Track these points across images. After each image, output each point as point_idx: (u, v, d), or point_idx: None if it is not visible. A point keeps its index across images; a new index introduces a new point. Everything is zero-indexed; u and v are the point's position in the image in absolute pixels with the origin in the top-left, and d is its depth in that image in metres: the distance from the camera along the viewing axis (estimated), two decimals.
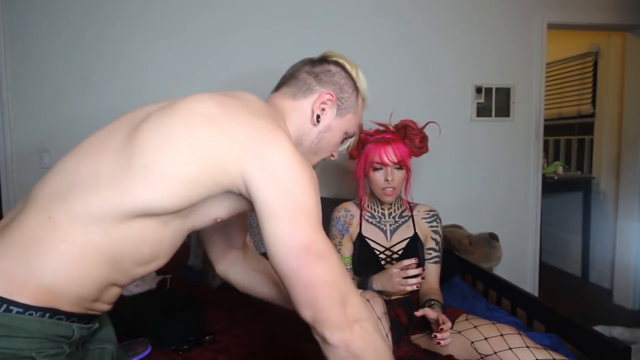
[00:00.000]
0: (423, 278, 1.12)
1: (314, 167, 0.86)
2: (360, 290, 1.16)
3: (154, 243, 0.65)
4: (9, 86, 2.09)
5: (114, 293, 0.67)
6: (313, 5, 2.28)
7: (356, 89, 0.86)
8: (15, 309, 0.53)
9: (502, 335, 1.09)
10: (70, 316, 0.59)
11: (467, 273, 1.91)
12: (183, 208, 0.63)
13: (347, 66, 0.86)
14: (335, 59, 0.86)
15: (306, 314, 0.63)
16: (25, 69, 2.10)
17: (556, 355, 1.04)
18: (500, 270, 2.32)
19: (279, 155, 0.62)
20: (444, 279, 1.79)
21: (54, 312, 0.57)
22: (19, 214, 0.61)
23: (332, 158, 0.91)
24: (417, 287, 1.17)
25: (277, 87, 0.86)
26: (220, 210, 0.69)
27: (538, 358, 1.03)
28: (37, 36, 2.10)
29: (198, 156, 0.60)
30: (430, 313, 1.11)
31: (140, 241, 0.62)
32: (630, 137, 2.78)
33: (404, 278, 1.16)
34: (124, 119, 0.70)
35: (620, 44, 2.96)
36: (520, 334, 1.09)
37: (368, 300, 1.07)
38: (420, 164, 2.37)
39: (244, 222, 0.99)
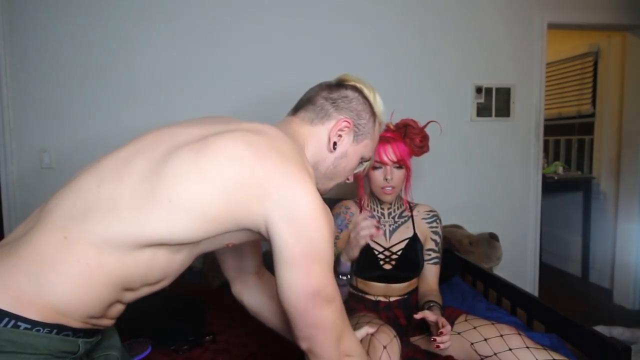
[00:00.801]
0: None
1: (329, 191, 0.88)
2: (368, 324, 1.13)
3: (164, 267, 0.66)
4: (9, 86, 2.09)
5: (119, 309, 0.68)
6: (313, 7, 2.28)
7: (373, 114, 0.86)
8: (23, 325, 0.53)
9: (501, 335, 1.09)
10: (76, 332, 0.60)
11: (467, 273, 1.91)
12: (199, 240, 0.65)
13: (365, 91, 0.86)
14: (353, 83, 0.86)
15: (303, 345, 0.69)
16: (25, 69, 2.10)
17: (556, 356, 1.03)
18: (501, 270, 2.32)
19: (304, 204, 0.63)
20: (444, 279, 1.79)
21: (61, 329, 0.57)
22: (32, 229, 0.60)
23: (348, 182, 0.91)
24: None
25: (295, 110, 0.86)
26: (232, 238, 0.71)
27: (538, 358, 1.02)
28: (37, 36, 2.10)
29: (225, 197, 0.62)
30: (430, 316, 1.11)
31: (151, 266, 0.64)
32: (631, 137, 2.78)
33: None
34: (146, 141, 0.70)
35: (620, 44, 2.96)
36: (520, 334, 1.09)
37: (385, 347, 1.03)
38: (421, 164, 2.37)
39: (258, 247, 0.99)
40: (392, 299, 1.35)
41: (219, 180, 0.62)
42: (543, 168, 2.74)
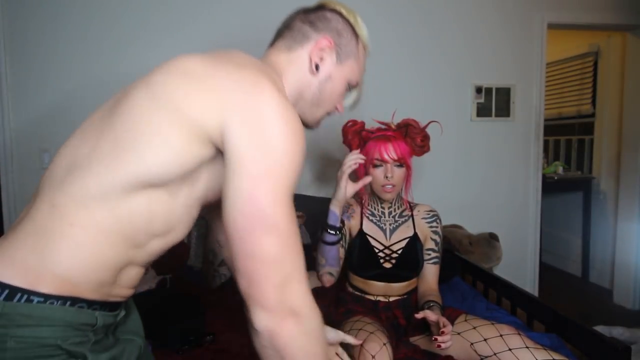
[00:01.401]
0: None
1: (319, 122, 0.82)
2: (360, 330, 1.13)
3: (165, 215, 0.62)
4: (9, 86, 2.09)
5: (133, 274, 0.64)
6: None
7: (356, 35, 0.80)
8: (36, 299, 0.52)
9: (501, 335, 1.09)
10: (91, 304, 0.58)
11: (467, 273, 1.91)
12: (180, 175, 0.59)
13: (344, 12, 0.80)
14: (332, 6, 0.80)
15: (241, 284, 0.58)
16: (26, 69, 2.10)
17: (556, 356, 1.04)
18: (501, 270, 2.32)
19: (263, 105, 0.56)
20: (444, 279, 1.79)
21: (75, 300, 0.55)
22: (30, 207, 0.60)
23: (339, 112, 0.84)
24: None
25: (272, 42, 0.80)
26: (215, 174, 0.65)
27: (538, 358, 1.02)
28: (37, 36, 2.10)
29: (177, 120, 0.56)
30: (431, 315, 1.11)
31: (149, 215, 0.60)
32: (630, 137, 2.78)
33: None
34: (112, 99, 0.69)
35: (620, 44, 2.96)
36: (519, 334, 1.09)
37: (373, 357, 1.03)
38: (421, 164, 2.37)
39: None
40: (391, 299, 1.35)
41: (170, 105, 0.57)
42: (543, 168, 2.74)
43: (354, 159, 1.26)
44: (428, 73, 2.41)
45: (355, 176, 1.43)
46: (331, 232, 1.26)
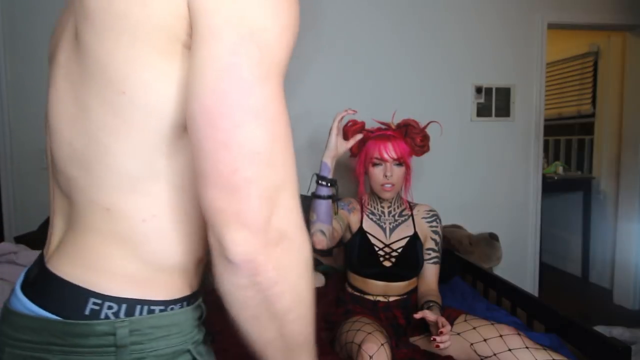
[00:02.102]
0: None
1: None
2: (359, 331, 1.12)
3: None
4: (9, 86, 2.10)
5: (203, 256, 0.54)
6: (312, 5, 2.27)
7: None
8: (157, 308, 0.47)
9: (501, 336, 1.09)
10: (197, 294, 0.53)
11: (467, 273, 1.91)
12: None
13: None
14: None
15: (209, 197, 0.40)
16: (25, 69, 2.10)
17: (556, 356, 1.04)
18: (500, 270, 2.32)
19: None
20: (444, 279, 1.79)
21: (186, 299, 0.51)
22: (72, 219, 0.50)
23: None
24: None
25: None
26: None
27: (538, 359, 1.02)
28: (37, 36, 2.10)
29: (149, 40, 0.42)
30: (430, 315, 1.11)
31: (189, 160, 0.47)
32: (630, 137, 2.78)
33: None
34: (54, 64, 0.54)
35: (620, 44, 2.96)
36: (519, 335, 1.09)
37: (371, 357, 1.02)
38: (421, 164, 2.37)
39: None
40: (391, 299, 1.35)
41: (130, 24, 0.41)
42: (543, 168, 2.74)
43: (343, 112, 1.27)
44: (428, 73, 2.41)
45: (353, 176, 1.43)
46: (322, 183, 1.26)
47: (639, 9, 2.57)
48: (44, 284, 0.47)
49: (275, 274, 0.42)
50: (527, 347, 1.05)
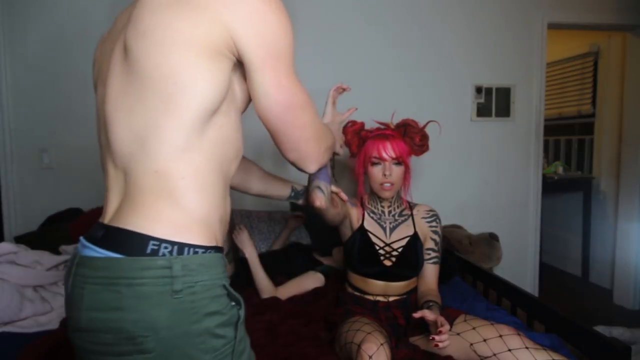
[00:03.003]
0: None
1: None
2: (358, 331, 1.13)
3: (231, 135, 0.70)
4: (9, 86, 2.10)
5: (228, 208, 0.73)
6: (312, 7, 2.28)
7: None
8: (199, 250, 0.62)
9: (501, 336, 1.08)
10: (221, 250, 0.69)
11: (467, 273, 1.91)
12: (224, 94, 0.66)
13: None
14: None
15: (291, 156, 0.75)
16: (25, 70, 2.11)
17: (556, 356, 1.03)
18: (500, 270, 2.32)
19: (252, 4, 0.63)
20: (444, 279, 1.79)
21: (215, 248, 0.66)
22: (124, 180, 0.65)
23: None
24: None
25: None
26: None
27: (538, 359, 1.02)
28: (37, 37, 2.10)
29: (192, 49, 0.61)
30: (429, 315, 1.11)
31: (223, 140, 0.68)
32: (631, 137, 2.78)
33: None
34: (112, 59, 0.69)
35: (620, 44, 2.96)
36: (519, 335, 1.09)
37: (370, 357, 1.03)
38: (421, 164, 2.37)
39: None
40: (391, 299, 1.35)
41: (176, 36, 0.61)
42: (543, 168, 2.74)
43: (334, 93, 1.22)
44: (428, 73, 2.41)
45: (353, 175, 1.43)
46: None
47: (639, 9, 2.57)
48: (111, 236, 0.61)
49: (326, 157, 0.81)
50: (527, 348, 1.05)
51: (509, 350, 1.05)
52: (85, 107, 2.15)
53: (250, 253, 1.54)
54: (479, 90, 2.45)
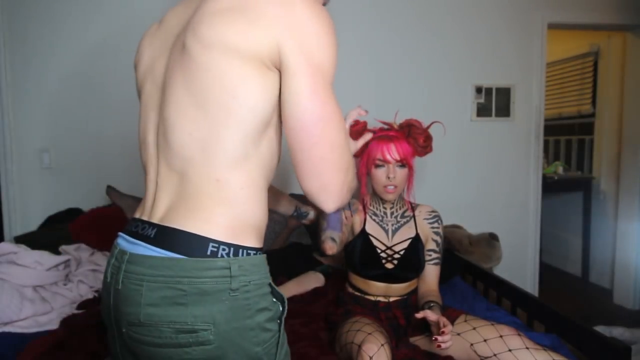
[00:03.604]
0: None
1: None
2: (359, 331, 1.13)
3: (277, 147, 0.73)
4: (9, 86, 2.10)
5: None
6: None
7: None
8: (252, 252, 0.67)
9: (501, 336, 1.08)
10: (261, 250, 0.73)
11: (467, 273, 1.91)
12: (276, 106, 0.68)
13: None
14: None
15: (306, 179, 0.67)
16: (25, 70, 2.11)
17: (556, 357, 1.03)
18: (501, 270, 2.32)
19: (301, 16, 0.64)
20: (444, 279, 1.79)
21: (261, 249, 0.71)
22: (183, 190, 0.67)
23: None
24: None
25: None
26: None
27: (538, 359, 1.02)
28: (37, 37, 2.10)
29: (247, 60, 0.63)
30: (431, 315, 1.10)
31: (271, 152, 0.71)
32: (631, 137, 2.78)
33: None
34: (172, 62, 0.71)
35: (620, 44, 2.96)
36: (519, 335, 1.09)
37: (371, 358, 1.03)
38: (421, 164, 2.37)
39: None
40: (391, 299, 1.35)
41: (230, 45, 0.63)
42: (543, 168, 2.74)
43: (355, 112, 1.12)
44: (428, 73, 2.41)
45: (356, 174, 1.43)
46: None
47: (639, 9, 2.57)
48: (168, 236, 0.65)
49: (346, 199, 0.72)
50: (527, 348, 1.05)
51: (510, 350, 1.05)
52: (85, 107, 2.15)
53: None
54: (479, 90, 2.45)
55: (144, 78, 0.79)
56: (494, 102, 2.47)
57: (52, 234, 1.90)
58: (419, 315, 1.12)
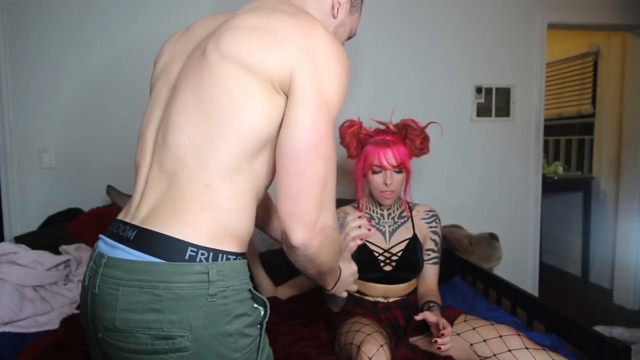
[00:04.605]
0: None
1: None
2: (358, 332, 1.12)
3: (272, 166, 0.73)
4: (9, 86, 2.10)
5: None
6: None
7: None
8: (232, 257, 0.67)
9: (501, 336, 1.08)
10: (245, 256, 0.73)
11: (467, 273, 1.91)
12: (279, 127, 0.69)
13: None
14: None
15: (285, 204, 0.66)
16: (26, 69, 2.11)
17: (556, 356, 1.03)
18: (500, 271, 2.32)
19: (320, 47, 0.67)
20: (444, 278, 1.79)
21: (243, 255, 0.70)
22: (173, 185, 0.68)
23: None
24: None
25: None
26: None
27: (537, 359, 1.02)
28: (37, 36, 2.10)
29: (260, 78, 0.66)
30: (430, 317, 1.11)
31: (265, 170, 0.72)
32: (630, 137, 2.78)
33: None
34: (173, 77, 0.75)
35: (620, 44, 2.96)
36: (519, 335, 1.09)
37: (370, 358, 1.03)
38: (421, 164, 2.37)
39: None
40: (391, 300, 1.35)
41: (248, 62, 0.65)
42: (543, 168, 2.74)
43: (357, 225, 1.01)
44: (428, 73, 2.41)
45: (350, 178, 1.43)
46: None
47: (639, 9, 2.57)
48: (147, 239, 0.64)
49: (317, 250, 0.69)
50: (526, 348, 1.05)
51: (509, 350, 1.05)
52: (85, 106, 2.15)
53: (250, 252, 1.54)
54: (478, 90, 2.45)
55: (159, 76, 0.80)
56: (494, 102, 2.47)
57: (52, 234, 1.90)
58: (419, 317, 1.12)
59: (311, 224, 0.66)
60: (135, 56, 2.15)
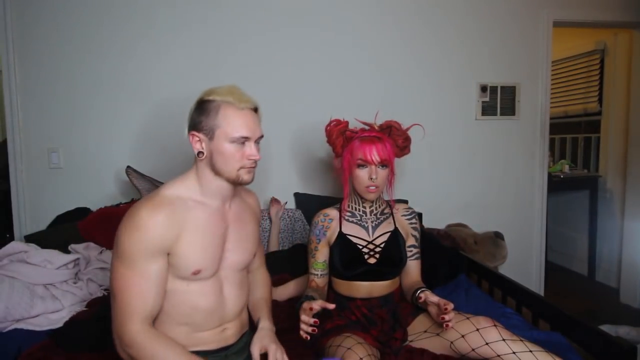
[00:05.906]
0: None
1: (245, 176, 1.01)
2: (349, 350, 1.11)
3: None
4: (18, 86, 2.12)
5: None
6: (314, 5, 2.28)
7: (210, 109, 0.97)
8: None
9: (478, 330, 1.10)
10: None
11: (472, 272, 1.91)
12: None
13: (202, 95, 1.00)
14: (198, 98, 1.01)
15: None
16: (34, 70, 2.13)
17: (532, 347, 1.05)
18: (506, 269, 2.32)
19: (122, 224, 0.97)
20: (449, 277, 1.80)
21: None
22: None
23: (256, 159, 1.00)
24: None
25: None
26: None
27: (514, 350, 1.04)
28: (46, 37, 2.12)
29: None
30: (431, 297, 1.14)
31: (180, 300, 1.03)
32: (637, 135, 2.76)
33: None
34: None
35: (627, 42, 2.94)
36: (496, 326, 1.10)
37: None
38: (425, 163, 2.37)
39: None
40: (373, 297, 1.36)
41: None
42: (549, 166, 2.73)
43: (307, 321, 1.06)
44: (433, 72, 2.41)
45: (335, 174, 1.43)
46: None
47: None
48: None
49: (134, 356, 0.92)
50: (503, 339, 1.06)
51: (487, 343, 1.07)
52: (94, 106, 2.17)
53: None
54: (483, 88, 2.45)
55: None
56: (499, 101, 2.46)
57: (61, 233, 1.92)
58: (421, 299, 1.16)
59: (119, 337, 0.92)
60: (144, 55, 2.17)
